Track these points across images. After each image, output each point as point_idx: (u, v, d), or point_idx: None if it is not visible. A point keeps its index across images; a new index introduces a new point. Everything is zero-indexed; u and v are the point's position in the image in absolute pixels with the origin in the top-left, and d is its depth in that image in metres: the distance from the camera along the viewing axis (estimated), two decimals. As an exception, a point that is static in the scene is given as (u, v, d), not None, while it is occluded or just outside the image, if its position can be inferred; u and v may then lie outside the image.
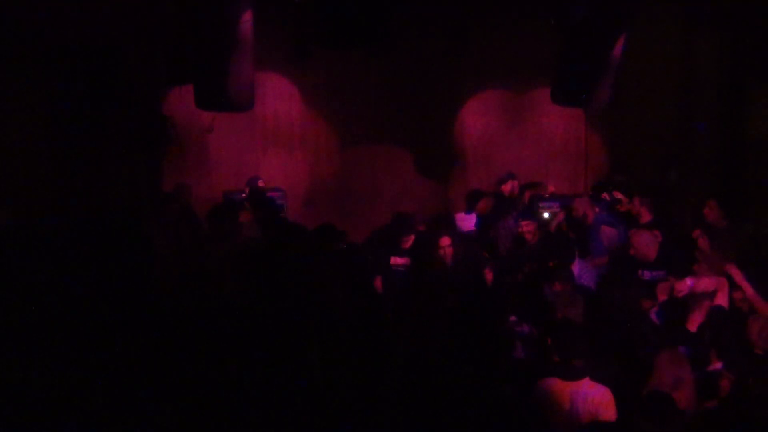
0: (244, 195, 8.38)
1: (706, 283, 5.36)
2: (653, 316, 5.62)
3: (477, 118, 10.38)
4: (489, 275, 6.80)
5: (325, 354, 4.69)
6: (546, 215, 8.38)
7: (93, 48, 7.30)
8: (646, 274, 6.35)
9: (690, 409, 4.30)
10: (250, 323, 5.55)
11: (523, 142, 10.28)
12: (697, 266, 6.05)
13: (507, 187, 8.80)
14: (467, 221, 8.51)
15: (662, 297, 5.68)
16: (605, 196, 8.25)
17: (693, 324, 5.25)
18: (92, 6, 7.24)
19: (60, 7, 7.10)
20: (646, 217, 7.36)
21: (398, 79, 9.66)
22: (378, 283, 6.93)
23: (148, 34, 7.85)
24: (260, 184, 8.62)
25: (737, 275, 5.46)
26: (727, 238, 6.97)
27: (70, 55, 7.35)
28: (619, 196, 8.08)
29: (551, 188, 9.05)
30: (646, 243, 6.51)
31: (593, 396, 4.33)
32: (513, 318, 5.87)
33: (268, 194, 8.29)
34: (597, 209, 7.74)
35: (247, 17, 6.61)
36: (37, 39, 7.23)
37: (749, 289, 5.40)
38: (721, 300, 5.37)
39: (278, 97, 9.61)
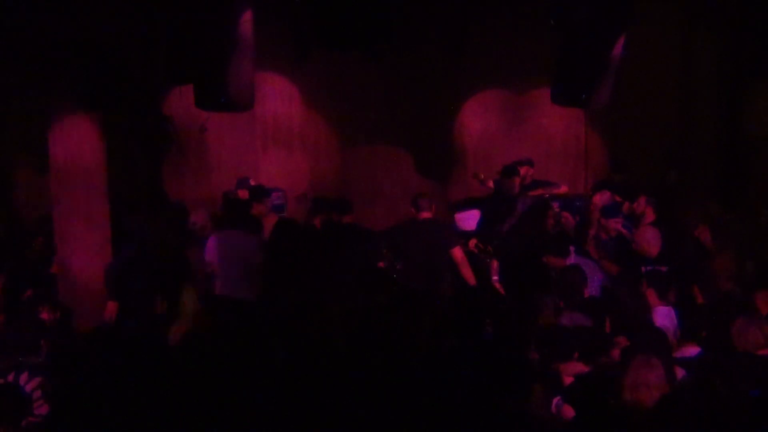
0: (240, 195, 8.32)
1: None
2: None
3: (477, 118, 10.37)
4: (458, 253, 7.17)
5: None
6: None
7: (93, 48, 7.30)
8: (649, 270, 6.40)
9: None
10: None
11: (523, 142, 10.27)
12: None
13: (523, 170, 8.75)
14: (467, 220, 8.50)
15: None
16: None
17: None
18: (92, 6, 7.24)
19: (60, 6, 7.10)
20: (650, 216, 7.37)
21: (398, 79, 9.65)
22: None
23: (148, 34, 7.85)
24: (251, 183, 8.56)
25: None
26: (728, 232, 7.02)
27: (71, 55, 7.35)
28: (617, 198, 8.07)
29: (564, 188, 9.02)
30: (649, 239, 6.54)
31: None
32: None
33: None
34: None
35: (247, 17, 6.61)
36: (37, 38, 7.23)
37: None
38: None
39: (278, 97, 9.61)
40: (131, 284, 6.73)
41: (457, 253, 7.25)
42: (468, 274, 7.18)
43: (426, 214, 7.35)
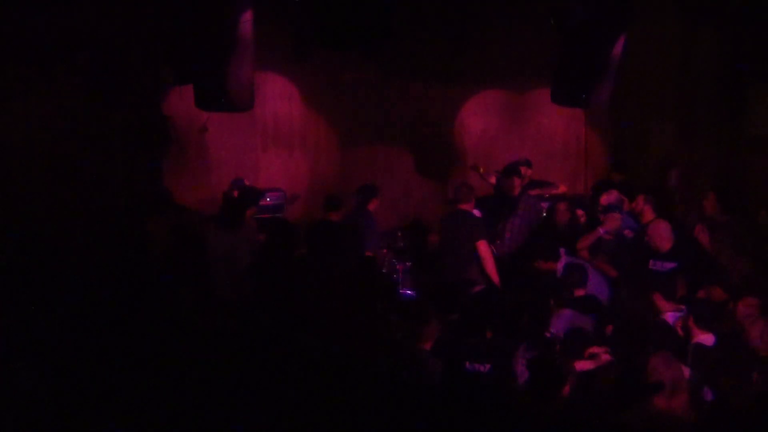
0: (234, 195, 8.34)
1: None
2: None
3: (477, 118, 10.38)
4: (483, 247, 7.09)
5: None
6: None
7: (93, 48, 7.31)
8: (657, 265, 6.39)
9: (686, 413, 4.29)
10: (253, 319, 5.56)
11: (523, 142, 10.28)
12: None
13: (522, 170, 8.70)
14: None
15: None
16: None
17: None
18: (93, 6, 7.25)
19: (61, 6, 7.11)
20: (649, 215, 7.37)
21: (398, 79, 9.66)
22: None
23: (148, 34, 7.85)
24: (246, 183, 8.58)
25: None
26: (726, 232, 7.01)
27: (71, 55, 7.36)
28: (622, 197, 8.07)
29: (563, 188, 8.98)
30: (662, 233, 6.54)
31: None
32: None
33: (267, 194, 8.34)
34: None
35: (247, 17, 6.62)
36: (39, 39, 7.24)
37: None
38: None
39: (278, 97, 9.61)
40: (132, 284, 6.73)
41: (482, 246, 7.14)
42: (491, 270, 7.08)
43: (463, 206, 7.39)
